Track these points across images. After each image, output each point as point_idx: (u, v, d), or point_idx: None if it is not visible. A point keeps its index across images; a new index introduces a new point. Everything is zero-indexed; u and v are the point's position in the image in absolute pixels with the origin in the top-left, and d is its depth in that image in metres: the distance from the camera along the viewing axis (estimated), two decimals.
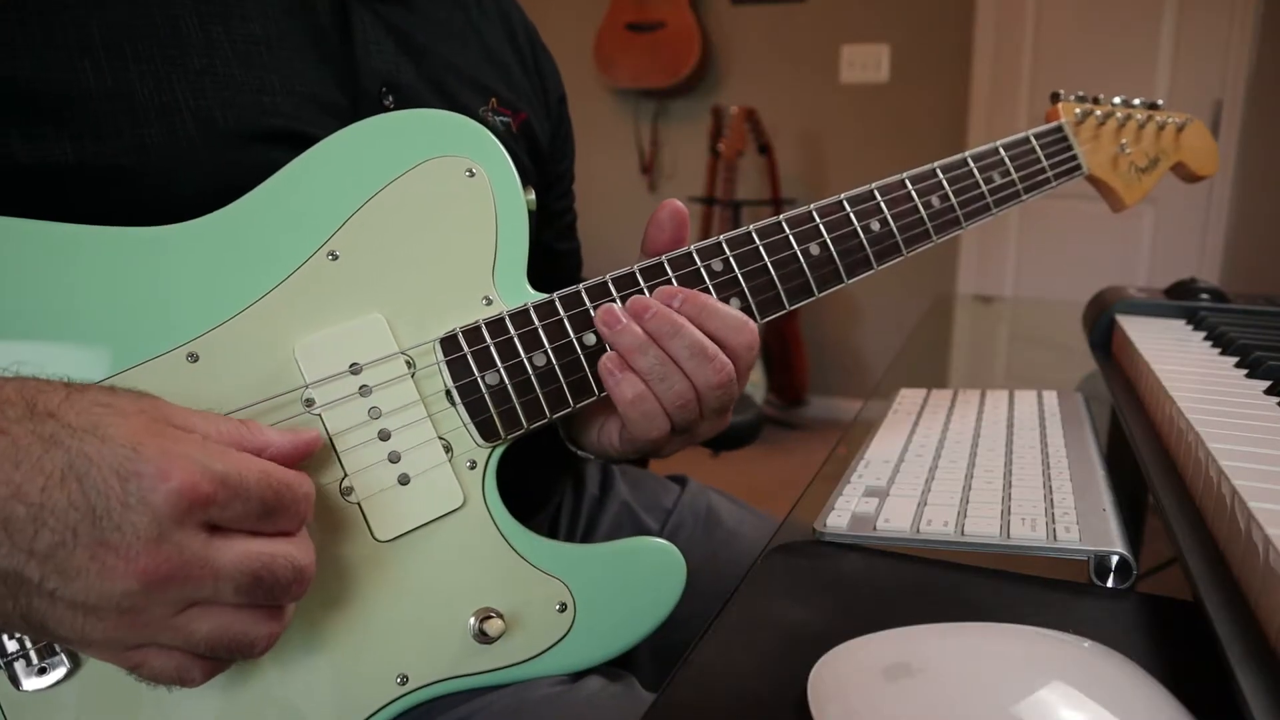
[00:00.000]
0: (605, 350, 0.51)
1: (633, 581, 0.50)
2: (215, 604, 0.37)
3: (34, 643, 0.41)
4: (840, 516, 0.51)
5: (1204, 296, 0.87)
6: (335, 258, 0.48)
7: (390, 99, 0.58)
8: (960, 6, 2.96)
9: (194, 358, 0.45)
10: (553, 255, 0.76)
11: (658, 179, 3.53)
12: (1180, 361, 0.66)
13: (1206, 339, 0.74)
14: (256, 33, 0.52)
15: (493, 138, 0.53)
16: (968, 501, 0.51)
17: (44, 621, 0.35)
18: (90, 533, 0.34)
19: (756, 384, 3.18)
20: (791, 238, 0.57)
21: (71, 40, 0.46)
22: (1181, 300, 0.87)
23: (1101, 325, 0.85)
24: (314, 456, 0.44)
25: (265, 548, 0.38)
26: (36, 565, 0.33)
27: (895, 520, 0.50)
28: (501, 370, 0.49)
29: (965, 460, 0.58)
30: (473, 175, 0.52)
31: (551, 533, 0.74)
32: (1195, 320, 0.81)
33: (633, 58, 3.27)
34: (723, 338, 0.51)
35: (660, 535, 0.77)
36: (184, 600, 0.36)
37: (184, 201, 0.47)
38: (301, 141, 0.51)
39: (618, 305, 0.50)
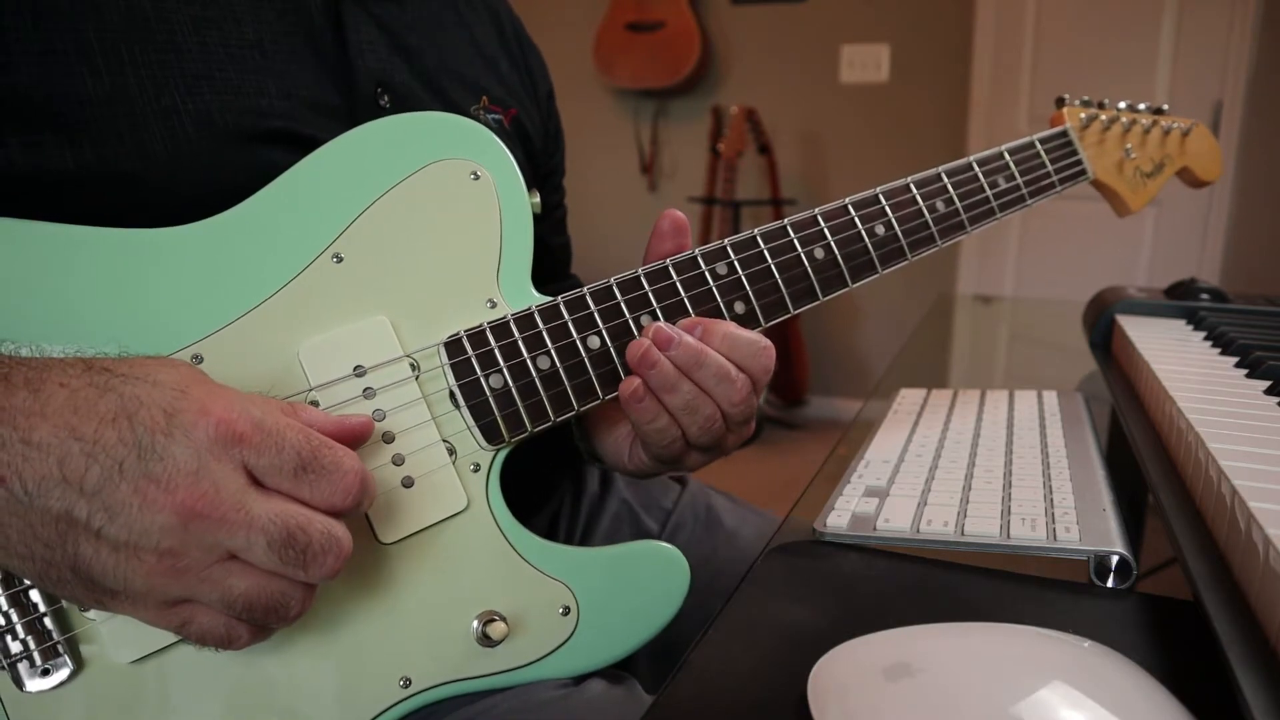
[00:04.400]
0: (609, 352, 0.51)
1: (636, 585, 0.50)
2: (250, 563, 0.38)
3: (38, 639, 0.41)
4: (840, 516, 0.51)
5: (1204, 296, 0.88)
6: (340, 260, 0.48)
7: (385, 99, 0.58)
8: (960, 6, 2.96)
9: (198, 359, 0.45)
10: (544, 250, 0.77)
11: (658, 179, 3.53)
12: (1180, 361, 0.66)
13: (1206, 339, 0.74)
14: (250, 37, 0.52)
15: (497, 141, 0.53)
16: (968, 501, 0.51)
17: (90, 569, 0.36)
18: (136, 466, 0.36)
19: None
20: (796, 241, 0.57)
21: (69, 47, 0.46)
22: (1181, 300, 0.87)
23: (1101, 325, 0.85)
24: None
25: (303, 510, 0.39)
26: (85, 503, 0.36)
27: (895, 520, 0.50)
28: (505, 373, 0.49)
29: (965, 460, 0.58)
30: (477, 178, 0.52)
31: (551, 531, 0.74)
32: (1195, 320, 0.81)
33: (633, 58, 3.27)
34: (743, 364, 0.52)
35: (660, 535, 0.77)
36: (219, 547, 0.37)
37: (184, 204, 0.47)
38: (300, 142, 0.51)
39: (649, 342, 0.50)
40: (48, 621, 0.41)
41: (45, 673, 0.41)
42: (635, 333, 0.52)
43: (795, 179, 3.29)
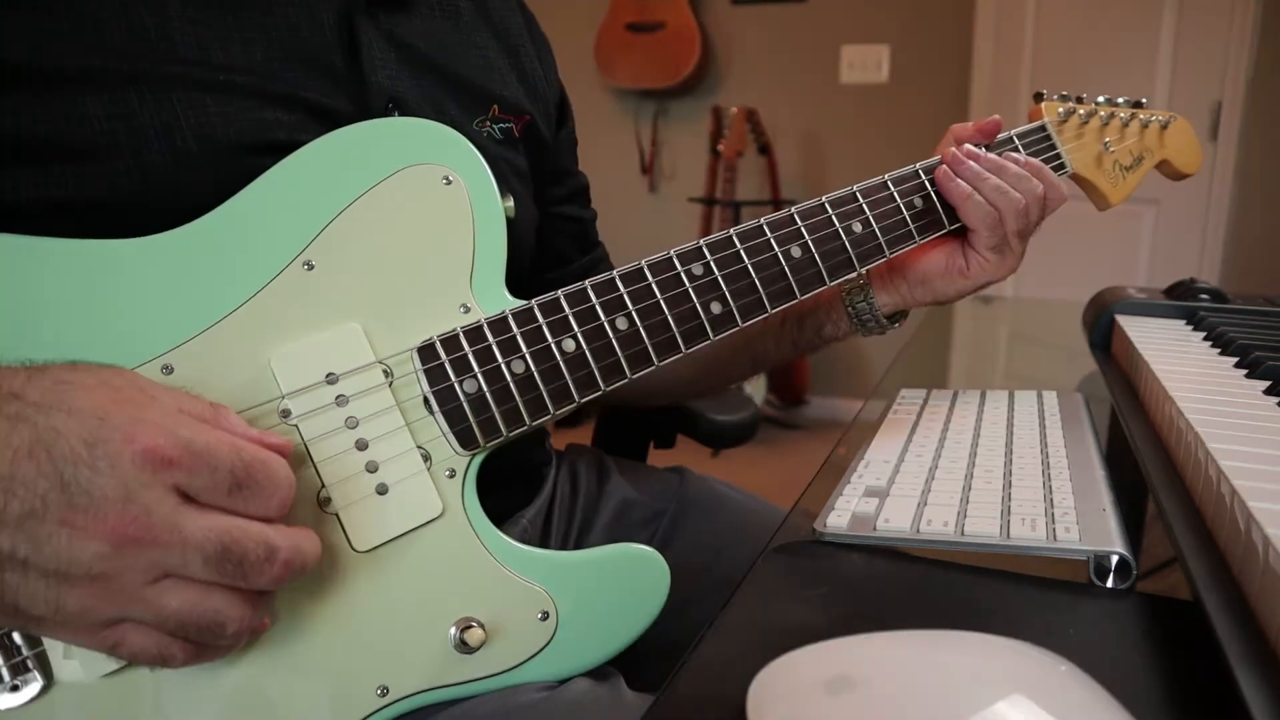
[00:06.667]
0: (585, 356, 0.51)
1: (616, 588, 0.50)
2: (186, 578, 0.37)
3: (6, 655, 0.40)
4: (840, 516, 0.51)
5: (1204, 296, 0.88)
6: (311, 267, 0.48)
7: (396, 114, 0.57)
8: (960, 6, 2.96)
9: (169, 369, 0.44)
10: (579, 224, 0.79)
11: (658, 179, 3.53)
12: (1180, 361, 0.66)
13: (1206, 339, 0.74)
14: (258, 56, 0.52)
15: (470, 145, 0.53)
16: (968, 501, 0.51)
17: (17, 599, 0.35)
18: (60, 500, 0.35)
19: (756, 384, 3.18)
20: (772, 240, 0.57)
21: (72, 72, 0.46)
22: (1181, 300, 0.87)
23: (1101, 325, 0.85)
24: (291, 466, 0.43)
25: (237, 522, 0.38)
26: (9, 535, 0.34)
27: (895, 520, 0.50)
28: (480, 378, 0.49)
29: (965, 460, 0.58)
30: (449, 183, 0.51)
31: (546, 527, 0.74)
32: (1195, 320, 0.81)
33: (633, 58, 3.27)
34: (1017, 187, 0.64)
35: (661, 526, 0.77)
36: (154, 567, 0.36)
37: (186, 219, 0.47)
38: None
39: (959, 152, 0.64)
40: (16, 637, 0.41)
41: (15, 689, 0.40)
42: (610, 335, 0.52)
43: (795, 179, 3.29)
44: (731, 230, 0.56)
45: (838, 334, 0.72)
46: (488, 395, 0.49)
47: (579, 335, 0.51)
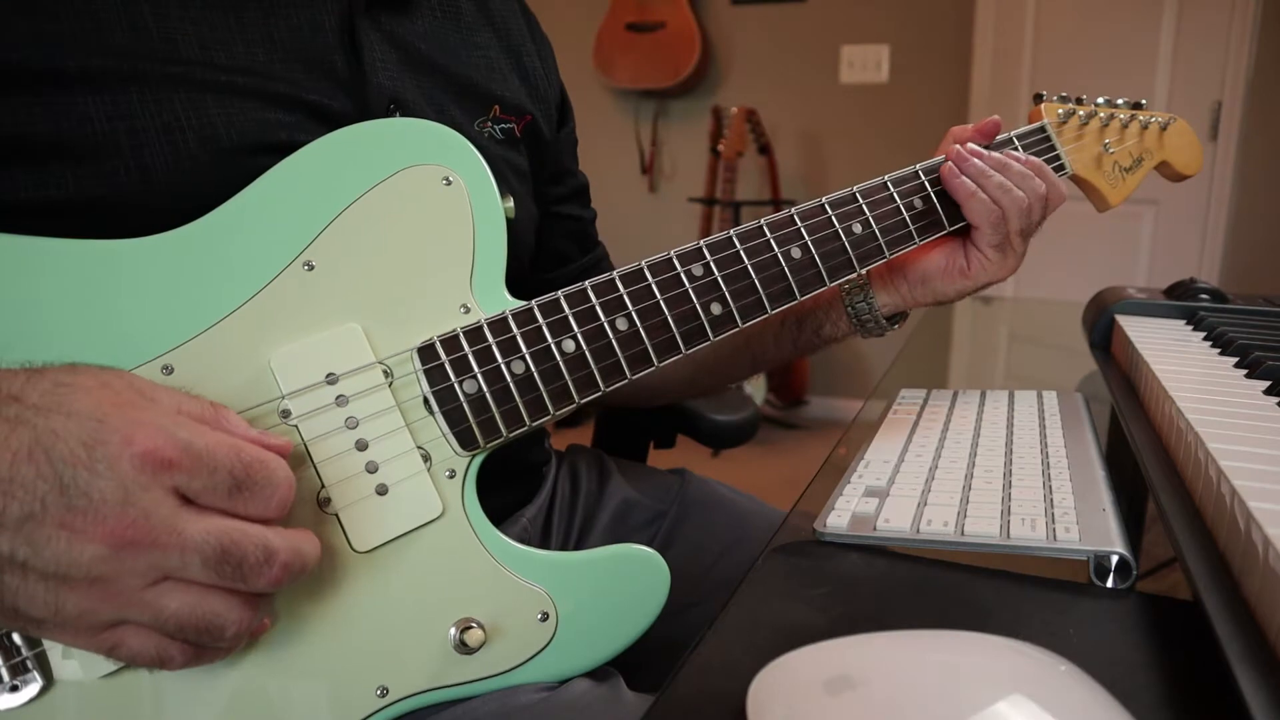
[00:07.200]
0: (585, 357, 0.51)
1: (616, 590, 0.50)
2: (185, 580, 0.37)
3: (6, 655, 0.40)
4: (840, 516, 0.51)
5: (1203, 297, 0.87)
6: (311, 268, 0.48)
7: (397, 115, 0.57)
8: (960, 6, 2.96)
9: (169, 370, 0.44)
10: (581, 224, 0.79)
11: (658, 179, 3.53)
12: (1180, 361, 0.66)
13: (1206, 339, 0.74)
14: (260, 57, 0.52)
15: (470, 146, 0.53)
16: (968, 501, 0.51)
17: (16, 602, 0.35)
18: (59, 502, 0.35)
19: (756, 384, 3.18)
20: (772, 241, 0.57)
21: (73, 73, 0.46)
22: (1181, 300, 0.87)
23: (1101, 325, 0.85)
24: (291, 467, 0.43)
25: (237, 524, 0.38)
26: (8, 538, 0.34)
27: (895, 520, 0.50)
28: (480, 378, 0.49)
29: (965, 460, 0.58)
30: (449, 184, 0.51)
31: (546, 528, 0.74)
32: (1195, 320, 0.81)
33: (633, 58, 3.27)
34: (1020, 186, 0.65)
35: (662, 526, 0.77)
36: (153, 570, 0.36)
37: (186, 219, 0.47)
38: None
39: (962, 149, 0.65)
40: (15, 637, 0.41)
41: (14, 689, 0.40)
42: (610, 335, 0.52)
43: (795, 179, 3.29)
44: (731, 231, 0.56)
45: (837, 334, 0.72)
46: (488, 396, 0.49)
47: (579, 336, 0.51)
